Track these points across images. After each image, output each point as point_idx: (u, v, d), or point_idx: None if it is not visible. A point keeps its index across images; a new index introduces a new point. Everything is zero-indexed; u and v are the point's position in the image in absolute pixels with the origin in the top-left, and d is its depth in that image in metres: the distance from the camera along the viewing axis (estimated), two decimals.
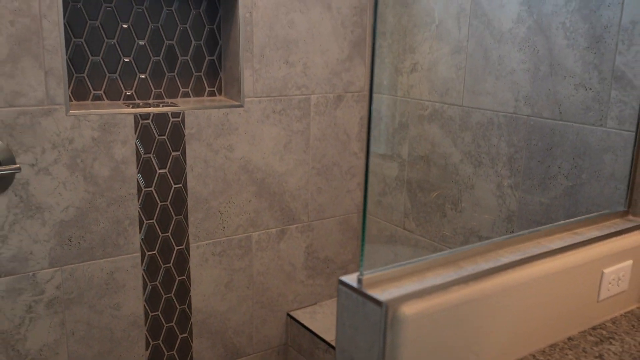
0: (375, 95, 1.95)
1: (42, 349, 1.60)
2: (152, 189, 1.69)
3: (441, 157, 1.77)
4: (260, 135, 1.86)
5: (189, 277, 1.82)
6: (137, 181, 1.66)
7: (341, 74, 1.98)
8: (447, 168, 1.75)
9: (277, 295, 2.04)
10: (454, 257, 0.97)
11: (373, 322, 0.85)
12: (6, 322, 1.53)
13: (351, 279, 0.88)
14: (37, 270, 1.55)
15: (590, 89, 1.34)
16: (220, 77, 1.87)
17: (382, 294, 0.84)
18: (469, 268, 0.95)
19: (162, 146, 1.68)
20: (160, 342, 1.82)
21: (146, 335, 1.79)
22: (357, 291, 0.86)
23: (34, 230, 1.52)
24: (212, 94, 1.87)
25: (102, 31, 1.64)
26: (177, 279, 1.80)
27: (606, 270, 1.11)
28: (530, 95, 1.47)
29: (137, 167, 1.65)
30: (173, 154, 1.71)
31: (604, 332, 1.10)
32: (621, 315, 1.17)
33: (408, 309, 0.83)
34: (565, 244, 1.06)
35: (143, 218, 1.69)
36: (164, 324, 1.81)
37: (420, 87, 1.82)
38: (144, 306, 1.76)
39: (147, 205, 1.69)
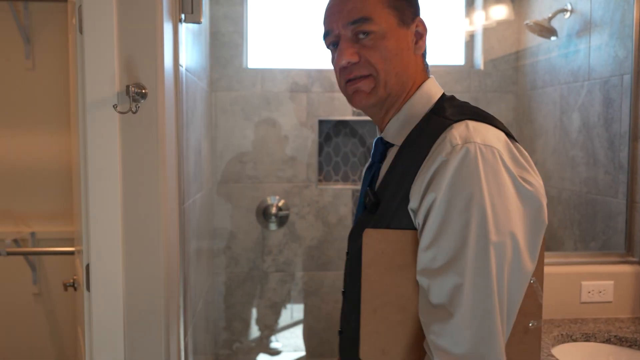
0: None
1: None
2: None
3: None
4: None
5: None
6: None
7: None
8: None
9: None
10: None
11: None
12: (276, 296, 2.84)
13: None
14: (295, 272, 2.84)
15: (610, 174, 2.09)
16: None
17: None
18: None
19: None
20: None
21: None
22: None
23: (294, 249, 2.83)
24: None
25: (332, 153, 2.95)
26: None
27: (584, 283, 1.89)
28: (586, 178, 2.24)
29: (352, 220, 2.86)
30: None
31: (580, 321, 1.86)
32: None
33: None
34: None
35: None
36: None
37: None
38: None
39: None
